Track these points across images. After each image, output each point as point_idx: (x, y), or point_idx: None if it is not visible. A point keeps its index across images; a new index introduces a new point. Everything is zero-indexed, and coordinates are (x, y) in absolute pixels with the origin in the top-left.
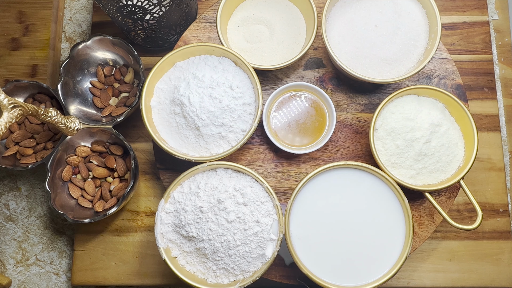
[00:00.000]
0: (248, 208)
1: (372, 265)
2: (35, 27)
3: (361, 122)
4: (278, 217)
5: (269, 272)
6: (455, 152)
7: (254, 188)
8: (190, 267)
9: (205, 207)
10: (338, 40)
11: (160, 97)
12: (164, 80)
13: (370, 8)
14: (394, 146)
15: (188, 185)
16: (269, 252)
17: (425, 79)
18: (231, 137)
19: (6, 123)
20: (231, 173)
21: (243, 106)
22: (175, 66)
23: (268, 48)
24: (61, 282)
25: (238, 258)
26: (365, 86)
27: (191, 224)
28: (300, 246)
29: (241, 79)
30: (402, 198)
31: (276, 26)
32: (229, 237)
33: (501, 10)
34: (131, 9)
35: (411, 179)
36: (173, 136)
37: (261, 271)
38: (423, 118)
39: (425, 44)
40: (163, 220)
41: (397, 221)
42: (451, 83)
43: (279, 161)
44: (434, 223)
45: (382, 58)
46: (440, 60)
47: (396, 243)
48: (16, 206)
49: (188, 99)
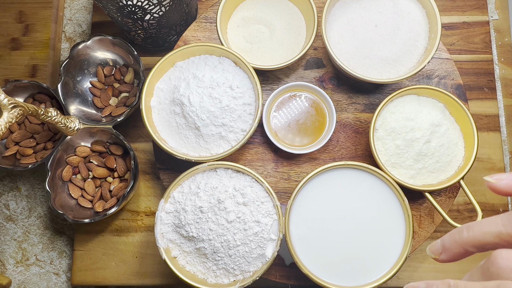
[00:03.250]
0: (248, 208)
1: (372, 265)
2: (35, 27)
3: (361, 122)
4: (278, 217)
5: (269, 272)
6: (455, 152)
7: (254, 188)
8: (190, 267)
9: (205, 207)
10: (338, 40)
11: (160, 97)
12: (164, 80)
13: (370, 8)
14: (394, 146)
15: (188, 185)
16: (269, 252)
17: (425, 79)
18: (231, 137)
19: (6, 123)
20: (231, 173)
21: (243, 106)
22: (175, 66)
23: (268, 48)
24: (61, 282)
25: (238, 258)
26: (365, 86)
27: (191, 224)
28: (300, 246)
29: (241, 79)
30: (402, 198)
31: (276, 26)
32: (229, 237)
33: (501, 10)
34: (131, 9)
35: (411, 179)
36: (173, 136)
37: (261, 271)
38: (423, 118)
39: (425, 44)
40: (163, 220)
41: (397, 221)
42: (451, 83)
43: (279, 161)
44: (434, 223)
45: (382, 58)
46: (440, 60)
47: (396, 243)
48: (16, 206)
49: (188, 99)
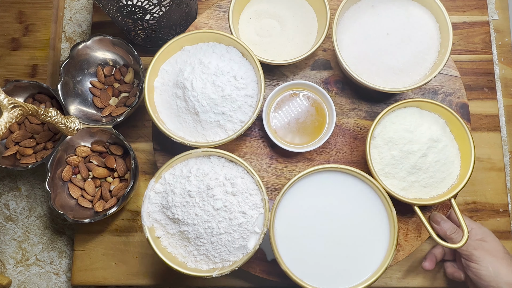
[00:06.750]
0: (236, 199)
1: (351, 272)
2: (35, 27)
3: (360, 128)
4: (265, 211)
5: (249, 265)
6: (450, 170)
7: (245, 179)
8: (172, 249)
9: (193, 191)
10: (347, 44)
11: (164, 78)
12: (170, 62)
13: (384, 15)
14: (390, 156)
15: (180, 168)
16: (251, 244)
17: (430, 93)
18: (229, 126)
19: (6, 123)
20: (224, 162)
21: (244, 98)
22: (183, 50)
23: (278, 43)
24: (61, 282)
25: (219, 246)
26: (369, 94)
27: (178, 206)
28: (282, 243)
29: (246, 70)
30: (391, 209)
31: (288, 22)
32: (214, 224)
33: (501, 10)
34: (131, 9)
35: (403, 191)
36: (172, 119)
37: (241, 262)
38: (423, 132)
39: (434, 59)
40: (151, 199)
41: (382, 231)
42: (457, 101)
43: (274, 157)
44: (421, 238)
45: (390, 66)
46: (448, 77)
47: (378, 253)
48: (16, 206)
49: (191, 84)
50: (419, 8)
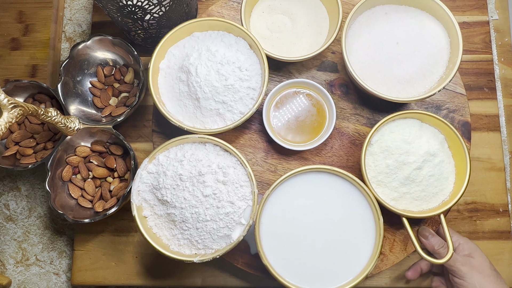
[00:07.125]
0: (226, 188)
1: (331, 275)
2: (35, 27)
3: (359, 134)
4: (253, 204)
5: (232, 257)
6: (443, 186)
7: (237, 170)
8: (157, 230)
9: (185, 175)
10: (356, 48)
11: (170, 61)
12: (178, 46)
13: (397, 24)
14: (385, 165)
15: (175, 151)
16: (236, 235)
17: (434, 108)
18: (228, 116)
19: (6, 123)
20: (219, 150)
21: (247, 90)
22: (192, 35)
23: (287, 40)
24: (61, 282)
25: (204, 233)
26: (372, 101)
27: (167, 188)
28: (267, 238)
29: (252, 63)
30: (378, 217)
31: (300, 20)
32: (201, 210)
33: (501, 10)
34: (131, 9)
35: (393, 201)
36: (173, 102)
37: (223, 251)
38: (421, 145)
39: (441, 73)
40: (143, 178)
41: (368, 238)
42: (459, 118)
43: (270, 153)
44: (406, 251)
45: (396, 76)
46: (454, 93)
47: (361, 259)
48: (16, 206)
49: (195, 69)
50: (432, 20)
